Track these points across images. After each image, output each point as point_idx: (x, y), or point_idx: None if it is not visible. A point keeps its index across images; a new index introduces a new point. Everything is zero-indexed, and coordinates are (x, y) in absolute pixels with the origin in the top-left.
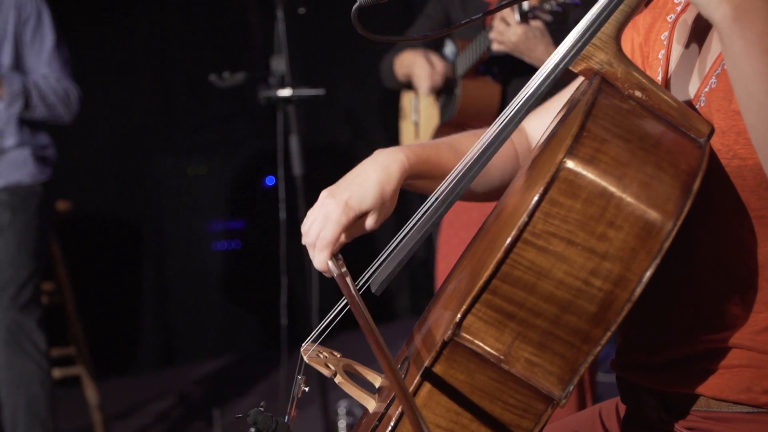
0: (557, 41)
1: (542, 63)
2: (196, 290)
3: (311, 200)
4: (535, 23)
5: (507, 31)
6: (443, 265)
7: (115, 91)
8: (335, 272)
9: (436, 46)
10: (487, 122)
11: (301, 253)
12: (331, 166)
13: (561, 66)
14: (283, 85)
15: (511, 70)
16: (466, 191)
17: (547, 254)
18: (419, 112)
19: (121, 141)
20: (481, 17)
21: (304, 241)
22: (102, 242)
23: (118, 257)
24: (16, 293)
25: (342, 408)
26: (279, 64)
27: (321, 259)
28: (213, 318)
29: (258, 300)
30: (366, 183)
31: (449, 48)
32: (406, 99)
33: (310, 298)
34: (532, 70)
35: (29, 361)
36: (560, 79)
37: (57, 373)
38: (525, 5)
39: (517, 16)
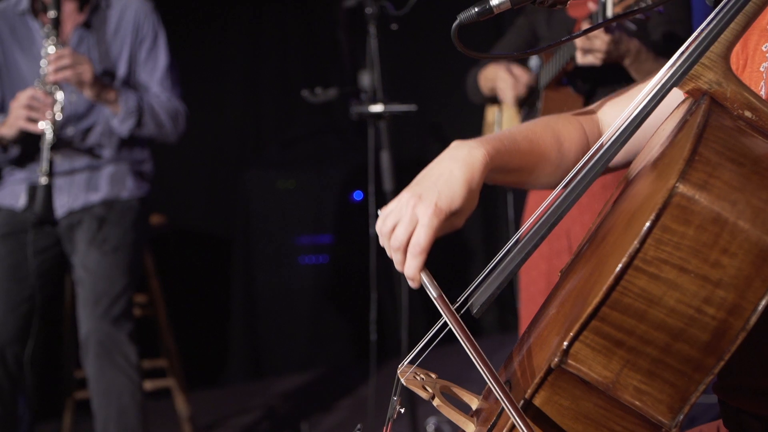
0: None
1: (629, 56)
2: (284, 304)
3: None
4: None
5: (594, 41)
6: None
7: (207, 106)
8: (432, 293)
9: (522, 59)
10: None
11: (390, 269)
12: None
13: (669, 85)
14: (374, 101)
15: (593, 82)
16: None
17: (658, 281)
18: (501, 126)
19: (212, 155)
20: (575, 37)
21: (391, 244)
22: (192, 255)
23: (209, 270)
24: (109, 307)
25: (431, 425)
26: (368, 79)
27: (414, 266)
28: (300, 331)
29: (345, 314)
30: (453, 183)
31: (534, 60)
32: (490, 113)
33: (399, 312)
34: (615, 81)
35: (120, 373)
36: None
37: (148, 385)
38: (609, 14)
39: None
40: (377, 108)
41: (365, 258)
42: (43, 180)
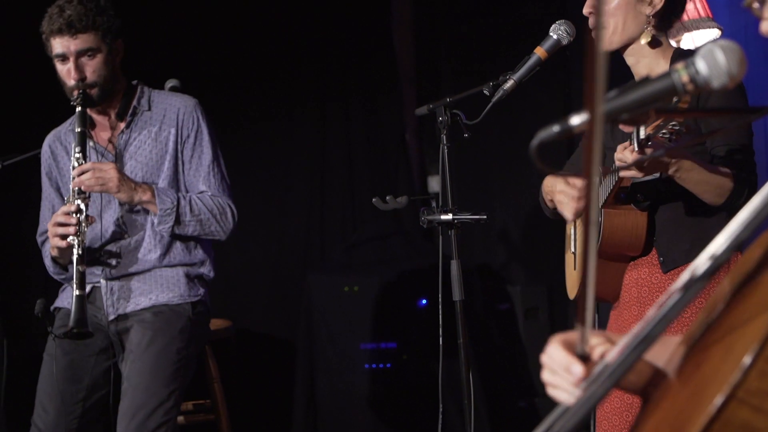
0: None
1: (671, 165)
2: (347, 410)
3: (469, 325)
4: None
5: (624, 152)
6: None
7: (271, 209)
8: None
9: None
10: (636, 251)
11: (457, 379)
12: (484, 290)
13: (755, 222)
14: (445, 209)
15: (655, 197)
16: None
17: (761, 414)
18: (576, 242)
19: (276, 258)
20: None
21: None
22: (256, 359)
23: (272, 375)
24: (144, 420)
25: None
26: (438, 185)
27: None
28: None
29: (408, 423)
30: None
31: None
32: (570, 228)
33: (466, 426)
34: (677, 196)
35: None
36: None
37: None
38: (642, 133)
39: (635, 146)
40: (447, 217)
41: (428, 366)
42: (76, 292)
